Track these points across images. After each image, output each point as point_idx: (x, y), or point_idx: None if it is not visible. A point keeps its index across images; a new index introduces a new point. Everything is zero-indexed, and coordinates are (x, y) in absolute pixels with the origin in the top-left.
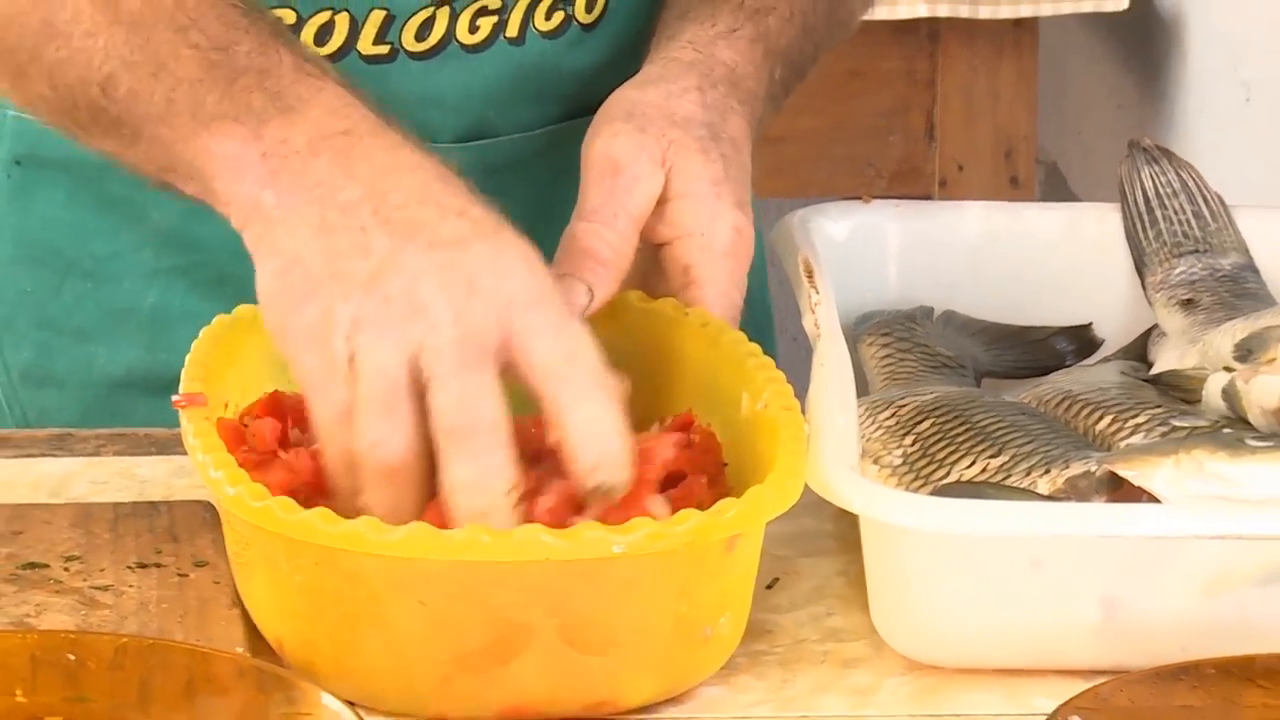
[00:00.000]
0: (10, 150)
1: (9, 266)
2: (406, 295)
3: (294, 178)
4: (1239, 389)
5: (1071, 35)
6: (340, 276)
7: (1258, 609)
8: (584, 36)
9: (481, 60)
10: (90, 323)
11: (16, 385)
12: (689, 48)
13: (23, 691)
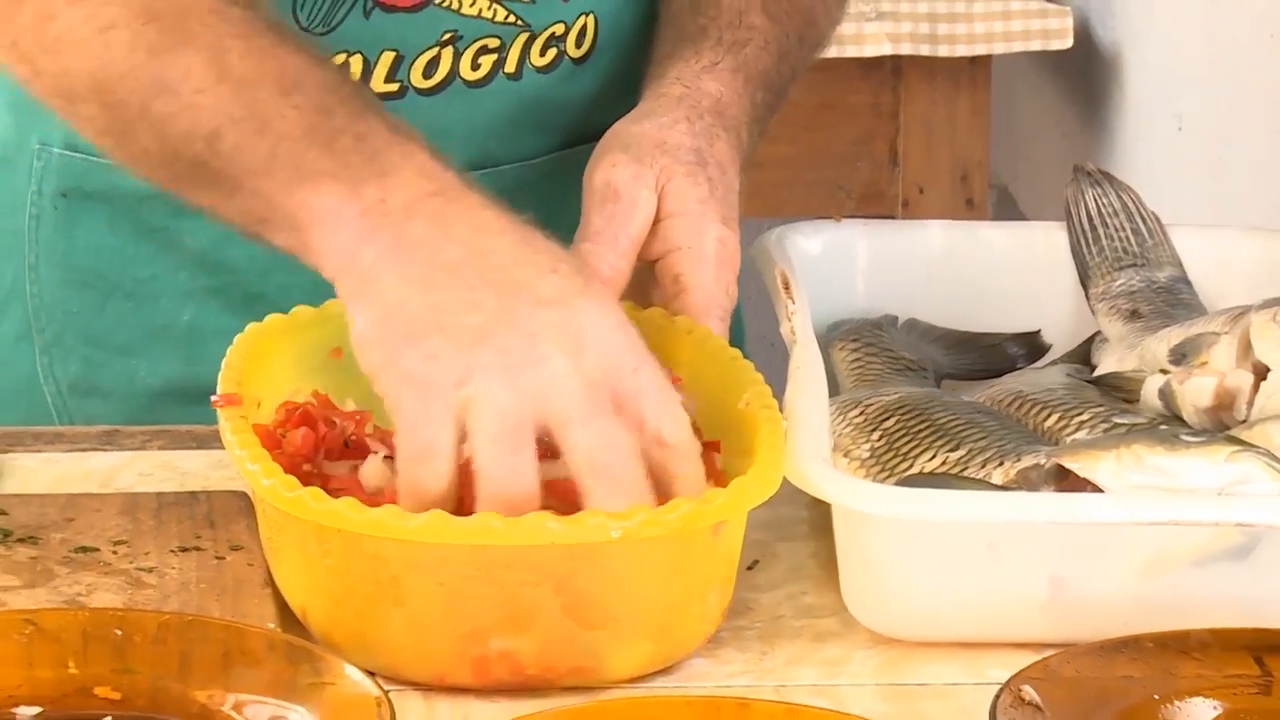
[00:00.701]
0: (57, 184)
1: (57, 289)
2: (523, 349)
3: (393, 236)
4: (1174, 389)
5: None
6: (449, 329)
7: (1192, 589)
8: (576, 71)
9: (483, 95)
10: (131, 339)
11: (65, 396)
12: (677, 83)
13: (75, 663)
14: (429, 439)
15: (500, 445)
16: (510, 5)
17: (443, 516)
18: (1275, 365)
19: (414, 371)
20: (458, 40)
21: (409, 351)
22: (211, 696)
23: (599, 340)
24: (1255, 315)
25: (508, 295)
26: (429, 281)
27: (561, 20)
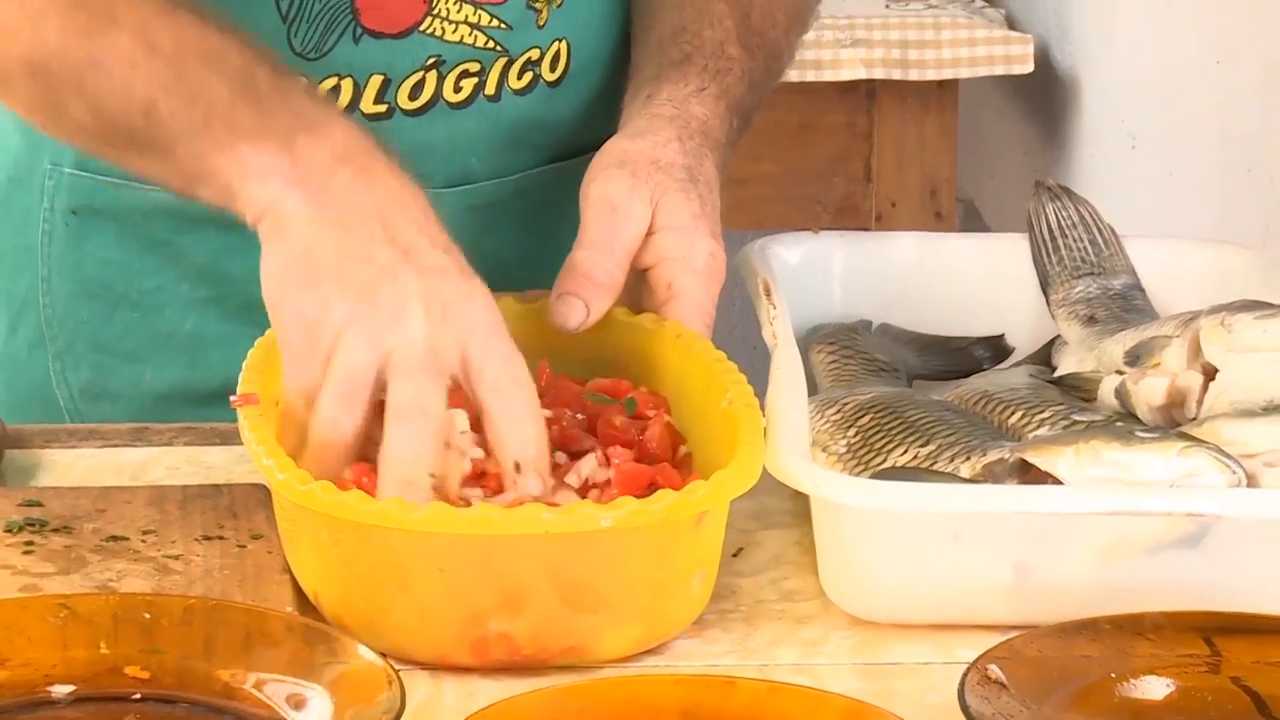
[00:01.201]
0: (67, 202)
1: (68, 300)
2: (393, 307)
3: (319, 184)
4: (1129, 389)
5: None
6: (343, 277)
7: (1146, 575)
8: (550, 94)
9: (465, 115)
10: (138, 346)
11: (77, 400)
12: (668, 105)
13: (106, 644)
14: (307, 379)
15: (334, 398)
16: (489, 32)
17: (444, 508)
18: (1223, 366)
19: (305, 314)
20: (441, 65)
21: (306, 294)
22: (234, 675)
23: (461, 314)
24: (1204, 320)
25: (400, 255)
26: (340, 227)
27: (536, 46)
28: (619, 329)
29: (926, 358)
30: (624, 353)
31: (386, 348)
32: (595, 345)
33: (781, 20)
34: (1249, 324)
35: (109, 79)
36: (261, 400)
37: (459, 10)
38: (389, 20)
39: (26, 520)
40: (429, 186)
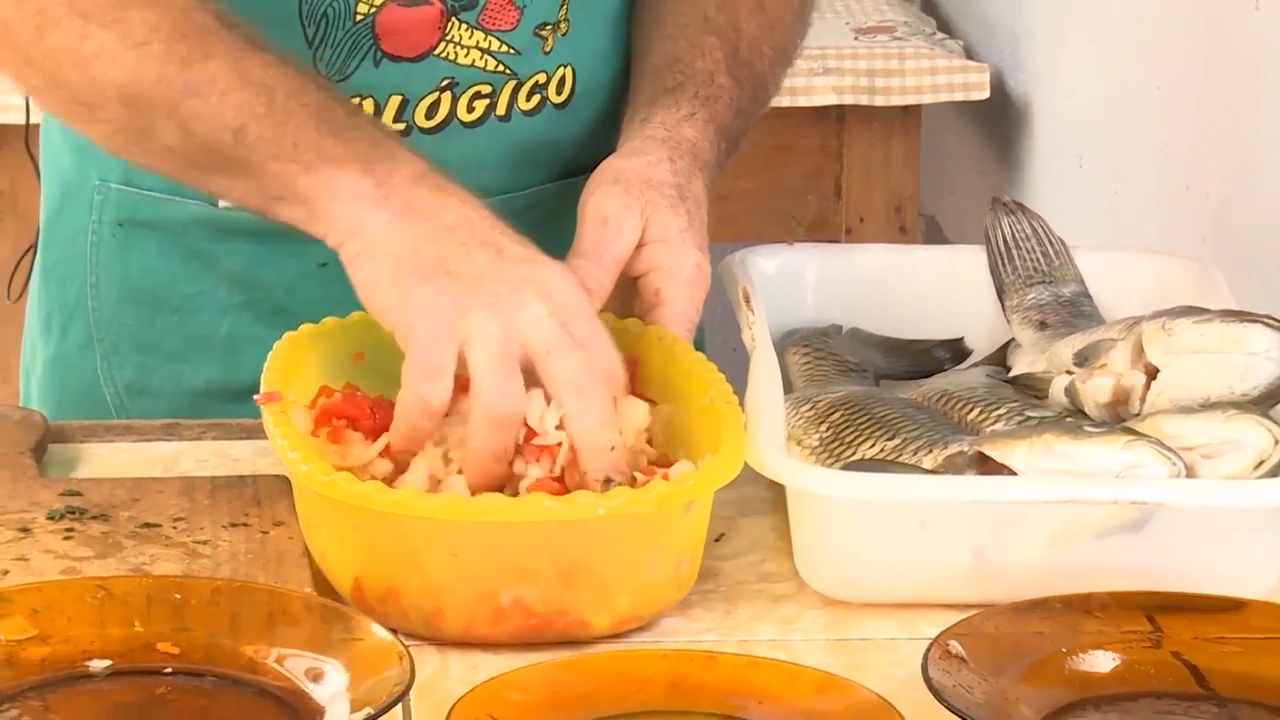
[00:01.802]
0: (114, 215)
1: (115, 305)
2: (510, 293)
3: (403, 203)
4: (1078, 388)
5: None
6: (453, 275)
7: (1094, 558)
8: (557, 115)
9: (477, 134)
10: (178, 347)
11: (122, 396)
12: (661, 127)
13: (140, 622)
14: (438, 359)
15: (496, 372)
16: (499, 56)
17: (456, 497)
18: (1164, 367)
19: (427, 304)
20: (455, 86)
21: (421, 288)
22: (257, 651)
23: (563, 292)
24: (1147, 324)
25: (494, 252)
26: (433, 238)
27: (543, 70)
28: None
29: (892, 359)
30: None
31: (517, 327)
32: None
33: (768, 53)
34: (1188, 328)
35: (204, 104)
36: (283, 398)
37: (470, 37)
38: (407, 45)
39: (67, 508)
40: None
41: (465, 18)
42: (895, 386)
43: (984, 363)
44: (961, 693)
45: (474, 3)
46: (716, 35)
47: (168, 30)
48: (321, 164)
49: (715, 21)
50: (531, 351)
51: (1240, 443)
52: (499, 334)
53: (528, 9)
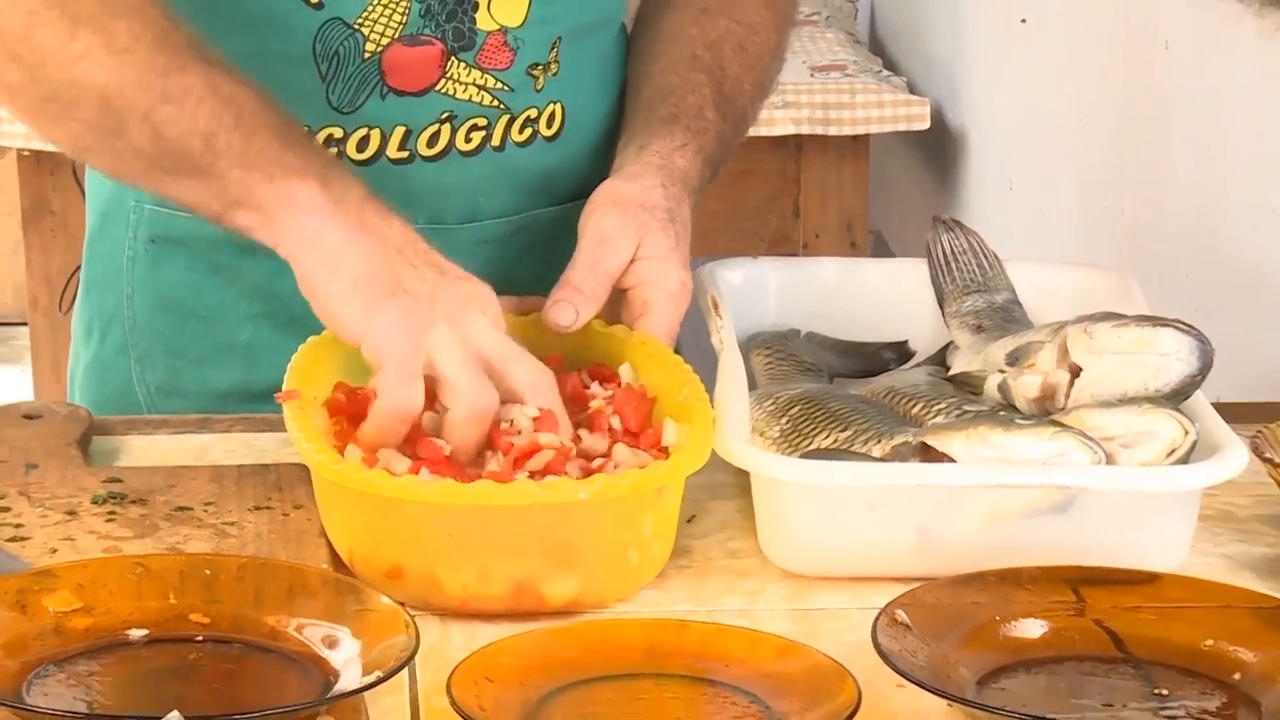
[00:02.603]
0: (147, 233)
1: (148, 314)
2: (459, 308)
3: (355, 221)
4: (1010, 385)
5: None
6: (411, 293)
7: (1024, 536)
8: (546, 146)
9: (474, 162)
10: (203, 352)
11: (154, 396)
12: (657, 155)
13: (174, 596)
14: (412, 367)
15: (467, 373)
16: (494, 93)
17: (452, 484)
18: (1086, 366)
19: (393, 320)
20: (454, 119)
21: (387, 306)
22: (279, 620)
23: (493, 306)
24: (1070, 329)
25: (438, 272)
26: (386, 258)
27: (535, 106)
28: (596, 337)
29: (844, 359)
30: (599, 355)
31: (473, 338)
32: (577, 349)
33: (748, 90)
34: (1107, 331)
35: (178, 110)
36: (301, 396)
37: (469, 74)
38: (410, 81)
39: (109, 494)
40: (445, 222)
41: (464, 57)
42: (847, 384)
43: (926, 363)
44: (907, 656)
45: (472, 43)
46: (704, 72)
47: (150, 41)
48: (284, 175)
49: (703, 59)
50: (490, 359)
51: (1154, 433)
52: (461, 344)
53: (521, 51)
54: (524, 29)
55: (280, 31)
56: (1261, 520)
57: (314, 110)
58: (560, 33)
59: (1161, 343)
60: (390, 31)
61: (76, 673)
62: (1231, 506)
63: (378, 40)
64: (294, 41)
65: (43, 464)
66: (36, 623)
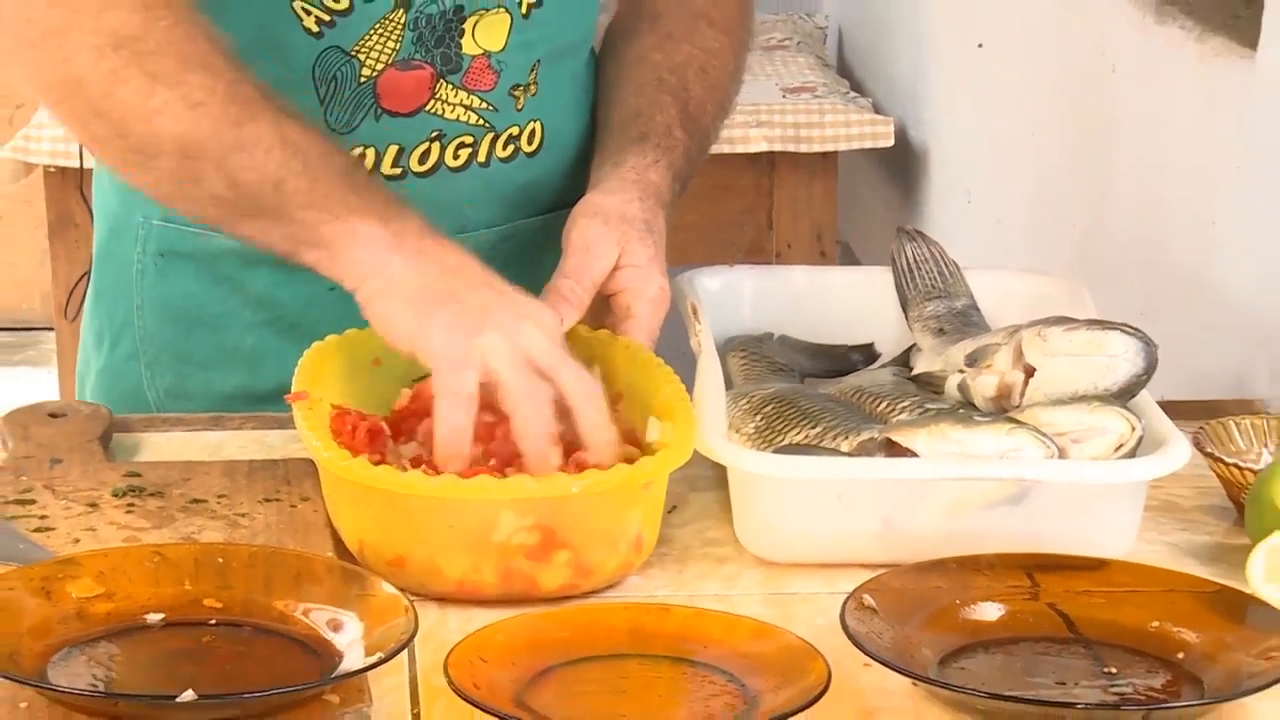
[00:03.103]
0: (155, 247)
1: (157, 323)
2: (511, 320)
3: (414, 250)
4: (969, 384)
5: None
6: (463, 303)
7: (983, 526)
8: (528, 162)
9: (461, 177)
10: (209, 358)
11: (163, 399)
12: (632, 171)
13: (189, 582)
14: (466, 357)
15: (520, 369)
16: (479, 112)
17: (453, 479)
18: (1040, 367)
19: (448, 322)
20: (443, 137)
21: (440, 312)
22: (287, 605)
23: (550, 324)
24: (1025, 332)
25: (494, 291)
26: (441, 276)
27: (516, 124)
28: (582, 341)
29: (815, 361)
30: (585, 359)
31: (523, 347)
32: None
33: (710, 110)
34: (1059, 335)
35: (250, 159)
36: (309, 396)
37: (456, 96)
38: (402, 103)
39: (129, 487)
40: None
41: (451, 80)
42: (817, 384)
43: (891, 364)
44: (873, 638)
45: (459, 67)
46: (670, 94)
47: (222, 94)
48: (348, 214)
49: (669, 82)
50: (540, 367)
51: (1103, 429)
52: (511, 349)
53: (504, 73)
54: (506, 53)
55: (282, 57)
56: (1203, 510)
57: None
58: (539, 56)
59: (1110, 345)
60: (384, 57)
61: (97, 654)
62: (1175, 498)
63: (373, 65)
64: (295, 66)
65: (66, 459)
66: (60, 608)
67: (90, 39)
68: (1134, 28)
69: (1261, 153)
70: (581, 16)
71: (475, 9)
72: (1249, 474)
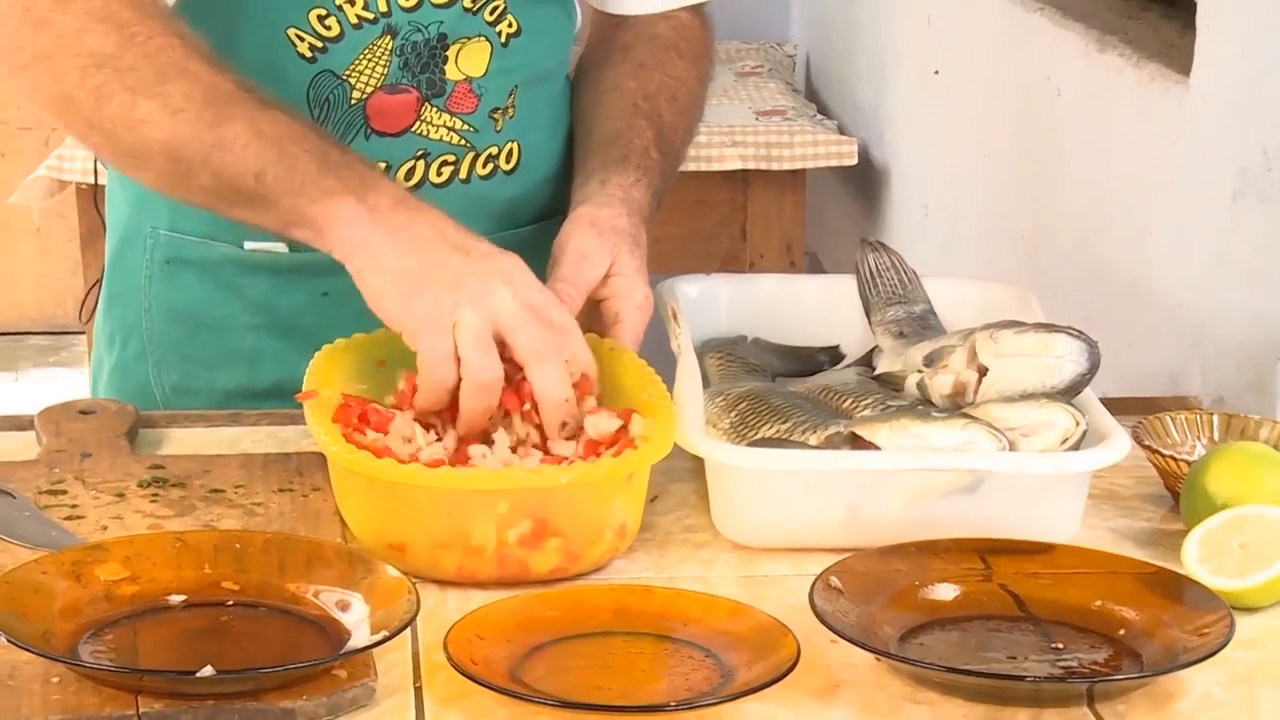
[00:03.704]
0: (163, 255)
1: (164, 325)
2: (481, 287)
3: (388, 224)
4: (927, 383)
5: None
6: (437, 280)
7: (940, 513)
8: (506, 179)
9: (445, 193)
10: (212, 358)
11: (169, 396)
12: (619, 189)
13: (209, 566)
14: (444, 349)
15: (476, 349)
16: (461, 133)
17: (451, 471)
18: (992, 367)
19: (424, 311)
20: (427, 156)
21: (417, 299)
22: (299, 587)
23: (520, 278)
24: (978, 334)
25: (462, 254)
26: (416, 251)
27: (495, 144)
28: None
29: (785, 361)
30: None
31: (491, 312)
32: None
33: (681, 134)
34: (1010, 337)
35: (229, 154)
36: (319, 394)
37: (439, 118)
38: (390, 124)
39: (153, 478)
40: None
41: (435, 103)
42: (787, 382)
43: (855, 364)
44: (839, 616)
45: (442, 91)
46: (645, 119)
47: (199, 99)
48: (324, 197)
49: (642, 108)
50: (502, 329)
51: (1050, 424)
52: (478, 322)
53: (484, 97)
54: (486, 79)
55: (278, 81)
56: (1141, 499)
57: None
58: (517, 81)
59: (1056, 346)
60: (373, 81)
61: (123, 633)
62: (1116, 487)
63: (363, 89)
64: (290, 90)
65: (95, 453)
66: (89, 590)
67: (74, 60)
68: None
69: (1193, 170)
70: (556, 46)
71: (458, 37)
72: (1184, 465)
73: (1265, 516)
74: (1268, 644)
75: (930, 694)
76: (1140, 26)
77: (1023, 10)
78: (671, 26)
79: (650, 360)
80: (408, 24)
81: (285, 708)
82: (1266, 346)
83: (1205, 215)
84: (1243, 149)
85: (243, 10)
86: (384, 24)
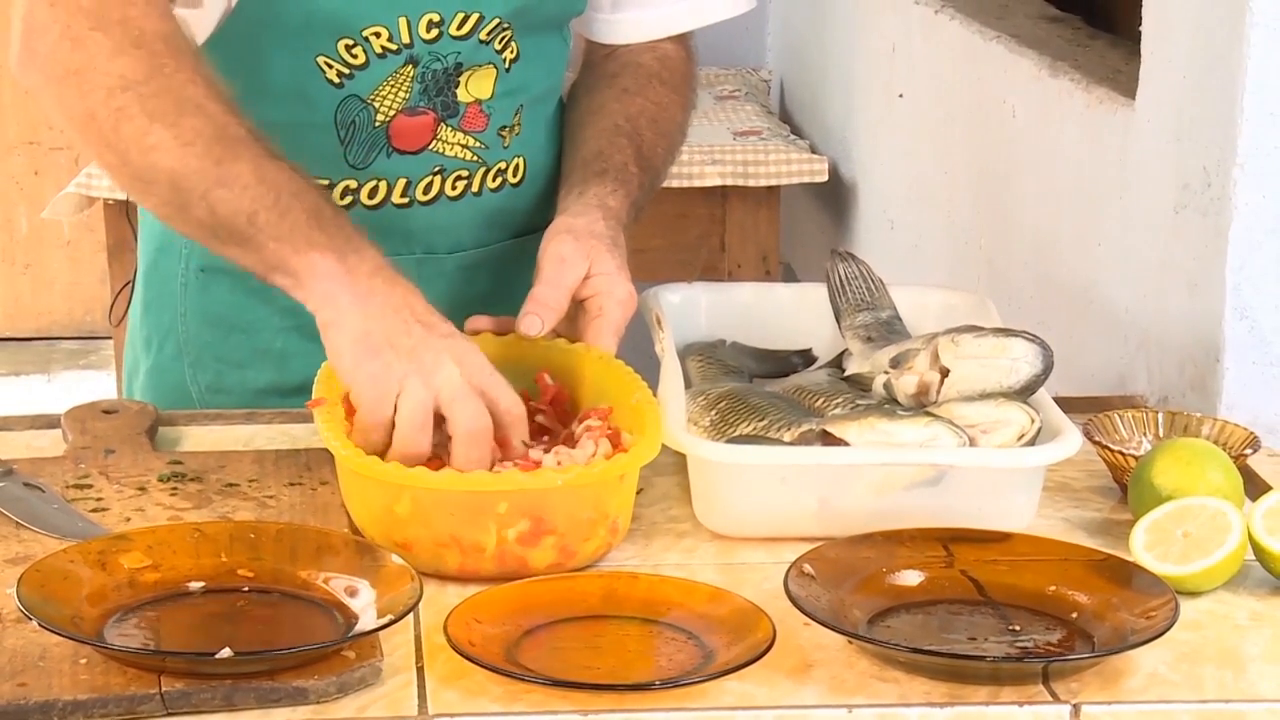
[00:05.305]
0: (198, 263)
1: (198, 328)
2: (433, 361)
3: (364, 288)
4: (893, 383)
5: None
6: (395, 347)
7: (905, 504)
8: (513, 192)
9: (458, 205)
10: (245, 359)
11: (204, 395)
12: (595, 198)
13: (225, 555)
14: (382, 416)
15: (410, 424)
16: (474, 150)
17: (453, 474)
18: (953, 368)
19: (375, 375)
20: (443, 171)
21: (370, 363)
22: (309, 574)
23: (470, 360)
24: (941, 338)
25: (423, 328)
26: (382, 316)
27: (504, 160)
28: (561, 354)
29: (761, 363)
30: (562, 368)
31: (436, 386)
32: (545, 363)
33: (660, 153)
34: (970, 341)
35: (229, 192)
36: (327, 401)
37: (454, 136)
38: (410, 143)
39: (173, 473)
40: (436, 253)
41: (450, 123)
42: (764, 383)
43: (826, 366)
44: (811, 600)
45: (456, 112)
46: (626, 138)
47: (210, 136)
48: (309, 249)
49: (624, 128)
50: (442, 403)
51: (1008, 422)
52: (422, 396)
53: (493, 116)
54: (494, 100)
55: (308, 105)
56: (1092, 491)
57: (335, 167)
58: (521, 102)
59: (1013, 349)
60: (395, 105)
61: (146, 618)
62: (1068, 480)
63: (385, 112)
64: (318, 113)
65: (119, 450)
66: (114, 577)
67: (103, 80)
68: (1031, 80)
69: (1139, 186)
70: (551, 70)
71: (470, 65)
72: (1131, 459)
73: (1207, 507)
74: (1209, 626)
75: (896, 673)
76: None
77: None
78: (656, 57)
79: (635, 363)
80: (428, 54)
81: (298, 686)
82: (1207, 349)
83: (1150, 228)
84: (1184, 167)
85: (276, 38)
86: (407, 54)
